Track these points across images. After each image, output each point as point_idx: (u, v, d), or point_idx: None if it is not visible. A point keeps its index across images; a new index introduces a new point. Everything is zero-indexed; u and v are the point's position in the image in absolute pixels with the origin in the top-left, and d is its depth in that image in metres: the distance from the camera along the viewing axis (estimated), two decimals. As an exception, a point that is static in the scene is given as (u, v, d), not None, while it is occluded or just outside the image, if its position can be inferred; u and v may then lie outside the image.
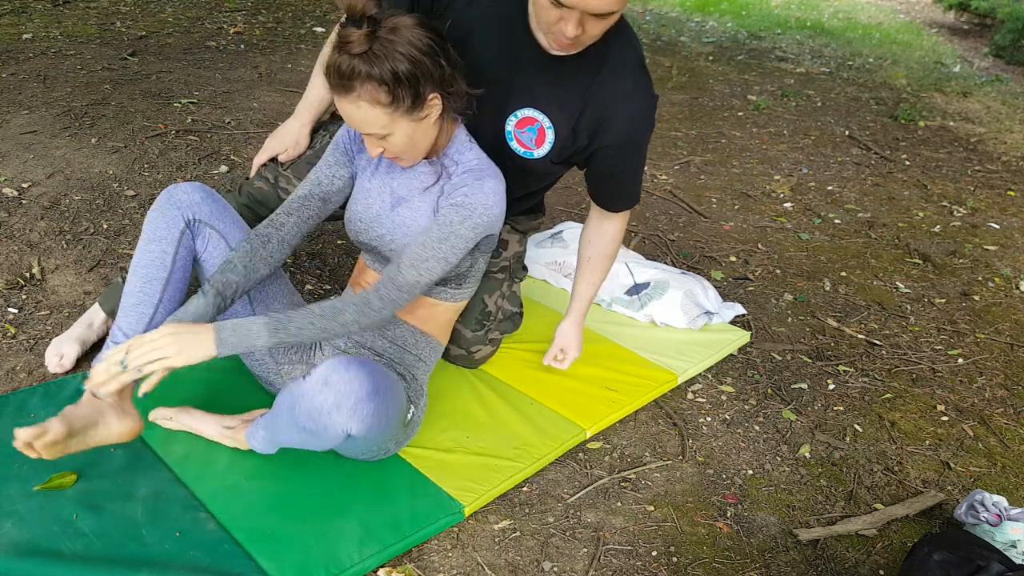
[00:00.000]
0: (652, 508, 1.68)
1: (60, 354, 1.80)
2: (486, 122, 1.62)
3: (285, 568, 1.38)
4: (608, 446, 1.84)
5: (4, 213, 2.39)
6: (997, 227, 3.33)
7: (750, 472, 1.82)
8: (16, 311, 1.99)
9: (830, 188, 3.58)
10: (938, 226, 3.29)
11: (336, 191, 1.62)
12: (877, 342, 2.39)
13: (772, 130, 4.34)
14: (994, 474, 1.90)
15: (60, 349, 1.81)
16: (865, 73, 5.88)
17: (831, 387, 2.15)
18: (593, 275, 1.89)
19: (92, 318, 1.87)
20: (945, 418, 2.08)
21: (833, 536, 1.65)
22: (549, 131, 1.64)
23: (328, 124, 1.93)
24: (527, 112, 1.62)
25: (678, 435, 1.91)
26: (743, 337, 2.28)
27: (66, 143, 2.87)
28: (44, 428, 1.32)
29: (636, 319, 2.31)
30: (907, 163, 4.01)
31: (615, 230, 1.84)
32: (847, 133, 4.39)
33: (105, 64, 3.76)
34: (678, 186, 3.42)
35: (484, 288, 1.90)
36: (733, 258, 2.83)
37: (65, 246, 2.28)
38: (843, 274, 2.80)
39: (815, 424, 2.00)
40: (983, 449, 1.98)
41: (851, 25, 7.82)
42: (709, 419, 1.98)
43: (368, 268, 1.71)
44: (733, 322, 2.38)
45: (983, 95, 5.51)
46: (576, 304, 1.92)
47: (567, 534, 1.58)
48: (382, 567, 1.44)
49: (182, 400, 1.69)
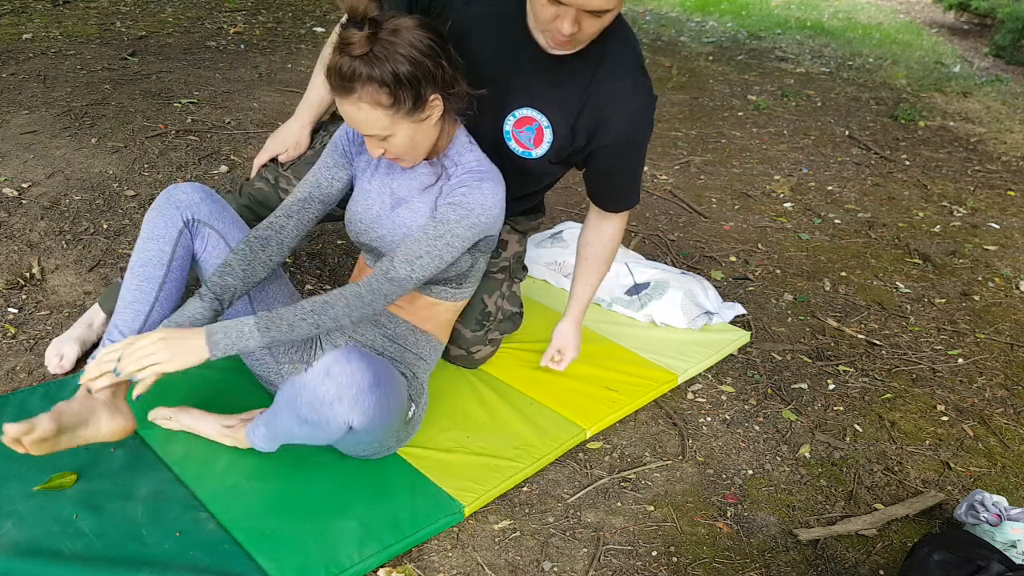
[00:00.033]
0: (652, 508, 1.68)
1: (60, 354, 1.80)
2: (485, 122, 1.62)
3: (285, 568, 1.38)
4: (608, 446, 1.84)
5: (4, 213, 2.39)
6: (997, 227, 3.33)
7: (750, 472, 1.82)
8: (16, 311, 1.99)
9: (830, 188, 3.58)
10: (938, 226, 3.29)
11: (335, 193, 1.62)
12: (877, 342, 2.39)
13: (772, 130, 4.34)
14: (994, 474, 1.90)
15: (60, 349, 1.81)
16: (865, 73, 5.88)
17: (831, 387, 2.15)
18: (591, 276, 1.89)
19: (92, 318, 1.87)
20: (945, 418, 2.08)
21: (833, 536, 1.65)
22: (547, 131, 1.63)
23: (328, 124, 1.93)
24: (525, 112, 1.62)
25: (678, 435, 1.91)
26: (743, 337, 2.28)
27: (66, 143, 2.87)
28: (32, 424, 1.31)
29: (636, 319, 2.31)
30: (907, 163, 4.01)
31: (614, 231, 1.84)
32: (847, 133, 4.39)
33: (105, 64, 3.76)
34: (678, 186, 3.42)
35: (484, 288, 1.90)
36: (733, 258, 2.83)
37: (65, 246, 2.28)
38: (843, 274, 2.80)
39: (815, 424, 2.00)
40: (983, 449, 1.98)
41: (851, 25, 7.82)
42: (709, 419, 1.98)
43: (368, 268, 1.71)
44: (733, 322, 2.38)
45: (983, 95, 5.51)
46: (574, 305, 1.92)
47: (567, 534, 1.58)
48: (382, 567, 1.44)
49: (181, 400, 1.70)
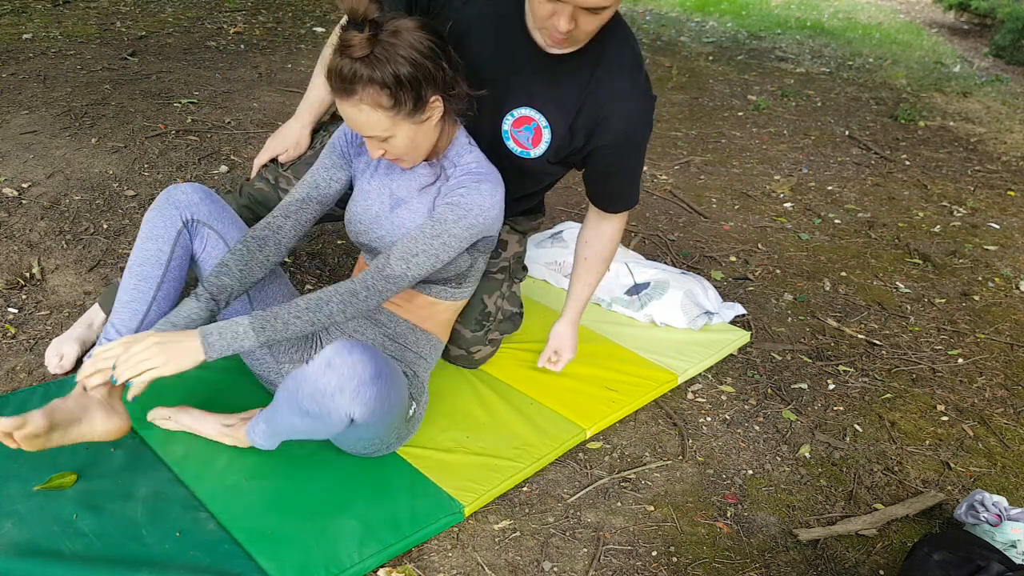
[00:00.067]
0: (652, 508, 1.68)
1: (60, 354, 1.80)
2: (484, 122, 1.62)
3: (285, 568, 1.38)
4: (608, 446, 1.84)
5: (4, 213, 2.39)
6: (997, 227, 3.33)
7: (750, 472, 1.82)
8: (16, 311, 1.99)
9: (830, 188, 3.58)
10: (938, 226, 3.29)
11: (333, 193, 1.62)
12: (877, 342, 2.39)
13: (772, 130, 4.34)
14: (994, 474, 1.90)
15: (60, 349, 1.81)
16: (865, 73, 5.88)
17: (831, 387, 2.15)
18: (589, 276, 1.89)
19: (92, 318, 1.87)
20: (945, 418, 2.08)
21: (833, 536, 1.65)
22: (546, 130, 1.63)
23: (328, 124, 1.93)
24: (523, 111, 1.62)
25: (678, 435, 1.91)
26: (743, 337, 2.28)
27: (66, 143, 2.87)
28: (25, 419, 1.31)
29: (636, 319, 2.31)
30: (907, 163, 4.01)
31: (613, 231, 1.83)
32: (847, 133, 4.39)
33: (105, 64, 3.76)
34: (678, 186, 3.42)
35: (484, 288, 1.90)
36: (733, 258, 2.83)
37: (65, 246, 2.28)
38: (843, 274, 2.80)
39: (815, 424, 2.00)
40: (983, 449, 1.98)
41: (851, 25, 7.82)
42: (709, 419, 1.98)
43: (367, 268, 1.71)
44: (733, 322, 2.38)
45: (983, 95, 5.51)
46: (571, 305, 1.92)
47: (567, 534, 1.58)
48: (382, 567, 1.44)
49: (181, 400, 1.70)
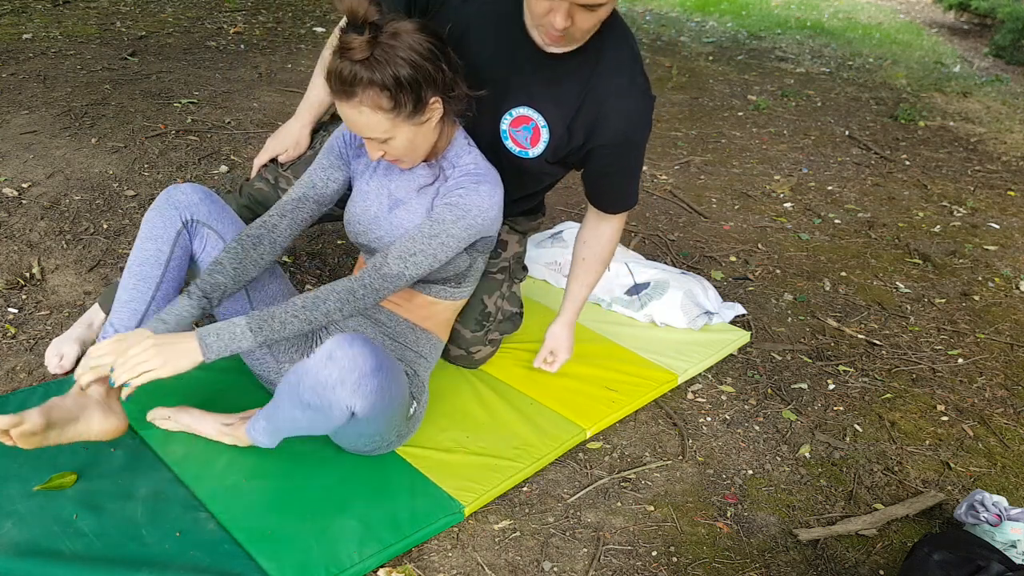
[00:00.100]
0: (652, 508, 1.68)
1: (60, 354, 1.80)
2: (483, 122, 1.62)
3: (285, 568, 1.38)
4: (608, 446, 1.84)
5: (4, 213, 2.39)
6: (997, 227, 3.33)
7: (750, 472, 1.82)
8: (16, 311, 1.99)
9: (830, 188, 3.58)
10: (938, 226, 3.29)
11: (331, 194, 1.62)
12: (877, 342, 2.39)
13: (772, 130, 4.34)
14: (994, 474, 1.90)
15: (60, 349, 1.81)
16: (865, 73, 5.88)
17: (831, 387, 2.15)
18: (587, 276, 1.88)
19: (92, 318, 1.87)
20: (945, 418, 2.08)
21: (833, 536, 1.65)
22: (544, 130, 1.63)
23: (328, 124, 1.93)
24: (522, 111, 1.62)
25: (678, 435, 1.91)
26: (743, 337, 2.28)
27: (66, 143, 2.87)
28: (22, 417, 1.31)
29: (636, 319, 2.31)
30: (907, 163, 4.01)
31: (612, 232, 1.83)
32: (847, 133, 4.39)
33: (105, 64, 3.76)
34: (678, 186, 3.42)
35: (484, 288, 1.90)
36: (733, 258, 2.83)
37: (65, 246, 2.28)
38: (843, 274, 2.80)
39: (815, 424, 2.00)
40: (983, 449, 1.98)
41: (851, 25, 7.82)
42: (709, 419, 1.98)
43: (368, 268, 1.71)
44: (733, 322, 2.38)
45: (983, 95, 5.51)
46: (568, 305, 1.91)
47: (567, 534, 1.58)
48: (382, 567, 1.44)
49: (181, 400, 1.69)
